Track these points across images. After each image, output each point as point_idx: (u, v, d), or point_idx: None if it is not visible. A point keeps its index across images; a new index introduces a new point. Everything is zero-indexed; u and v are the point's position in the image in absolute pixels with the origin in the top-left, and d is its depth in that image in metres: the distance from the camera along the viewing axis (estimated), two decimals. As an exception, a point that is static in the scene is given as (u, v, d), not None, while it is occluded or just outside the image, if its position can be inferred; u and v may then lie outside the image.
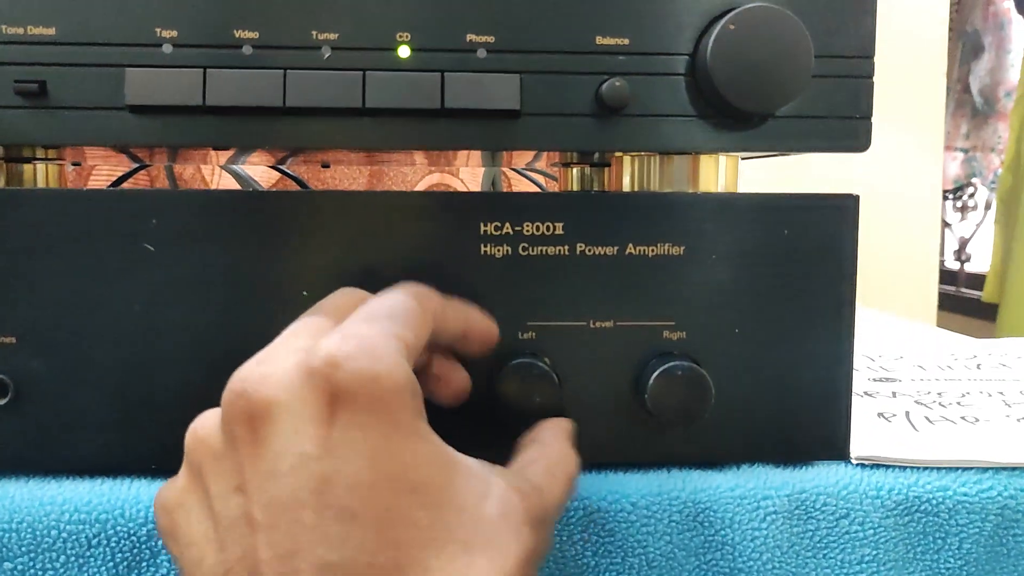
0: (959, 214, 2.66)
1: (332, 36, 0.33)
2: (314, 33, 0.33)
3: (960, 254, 2.64)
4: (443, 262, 0.34)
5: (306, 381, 0.25)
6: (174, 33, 0.33)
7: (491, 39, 0.34)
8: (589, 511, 0.34)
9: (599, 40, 0.34)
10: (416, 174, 0.92)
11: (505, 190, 0.84)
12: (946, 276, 2.29)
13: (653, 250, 0.35)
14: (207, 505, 0.27)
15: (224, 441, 0.27)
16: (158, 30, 0.33)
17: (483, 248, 0.34)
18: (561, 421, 0.33)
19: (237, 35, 0.33)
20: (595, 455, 0.35)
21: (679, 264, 0.35)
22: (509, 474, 0.28)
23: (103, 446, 0.34)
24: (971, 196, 2.63)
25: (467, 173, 0.92)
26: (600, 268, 0.34)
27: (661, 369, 0.33)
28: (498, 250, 0.34)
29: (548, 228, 0.34)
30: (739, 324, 0.35)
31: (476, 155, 0.49)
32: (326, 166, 0.75)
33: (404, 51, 0.33)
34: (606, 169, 0.52)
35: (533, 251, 0.34)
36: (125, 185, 0.68)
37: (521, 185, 0.86)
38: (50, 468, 0.34)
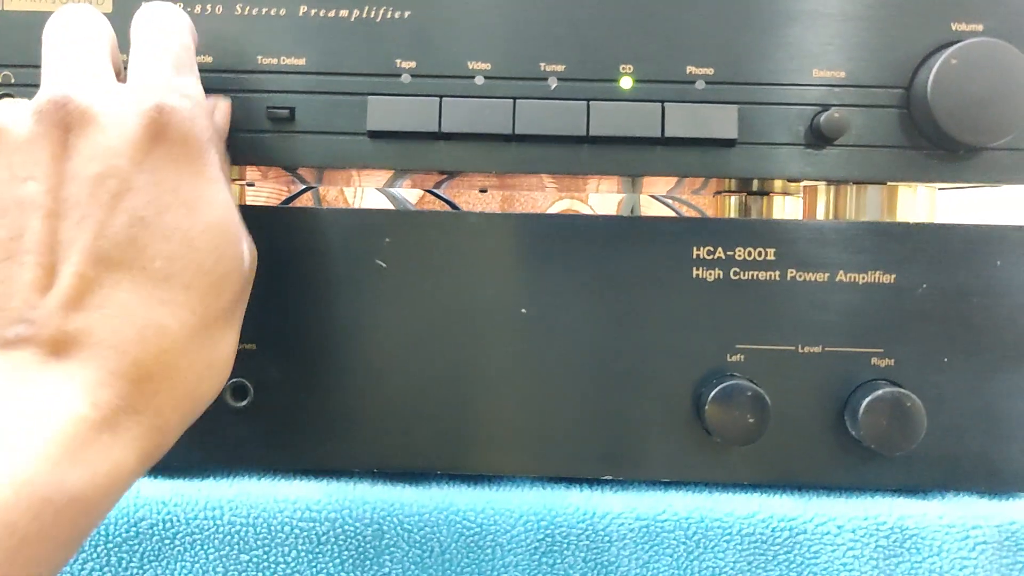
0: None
1: (559, 68, 0.35)
2: (542, 65, 0.35)
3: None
4: (656, 285, 0.35)
5: (134, 115, 0.28)
6: (412, 64, 0.35)
7: (710, 71, 0.35)
8: (795, 532, 0.35)
9: (816, 72, 0.35)
10: (546, 199, 0.94)
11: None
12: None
13: (864, 278, 0.35)
14: None
15: (30, 136, 0.27)
16: (398, 61, 0.35)
17: (695, 271, 0.35)
18: None
19: (470, 66, 0.35)
20: (801, 478, 0.36)
21: (889, 292, 0.35)
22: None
23: (331, 447, 0.36)
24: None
25: (596, 199, 0.94)
26: (810, 294, 0.35)
27: (873, 396, 0.34)
28: (710, 274, 0.35)
29: (760, 253, 0.35)
30: (948, 353, 0.35)
31: (608, 181, 0.51)
32: (483, 191, 0.77)
33: (627, 82, 0.35)
34: (764, 198, 0.53)
35: (744, 275, 0.35)
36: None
37: (653, 211, 0.87)
38: (283, 467, 0.37)
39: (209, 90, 0.35)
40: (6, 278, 0.26)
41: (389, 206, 0.82)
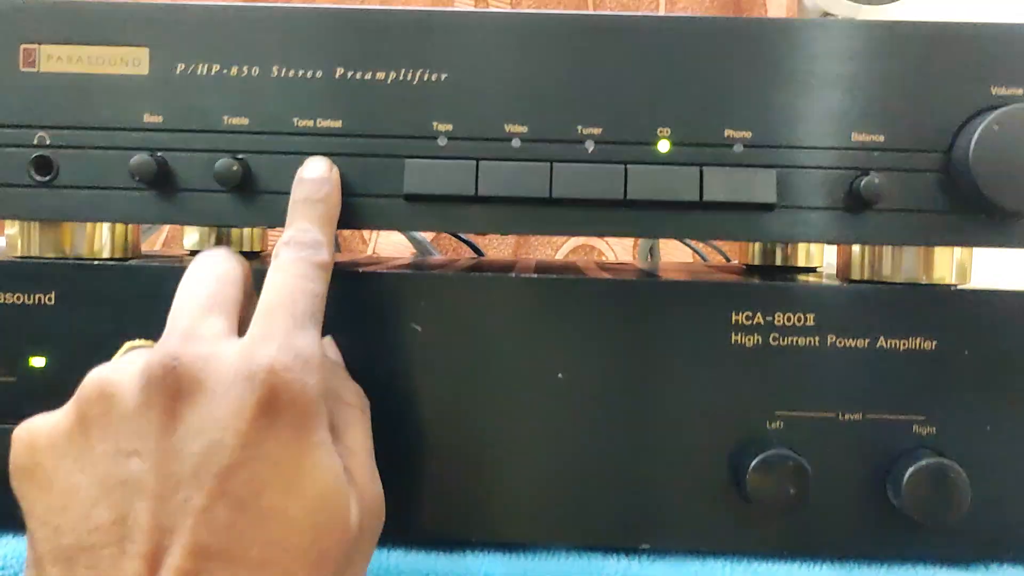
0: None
1: (596, 131, 0.35)
2: (579, 128, 0.35)
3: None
4: (694, 350, 0.35)
5: (244, 380, 0.27)
6: (449, 127, 0.35)
7: (748, 135, 0.35)
8: (837, 604, 0.34)
9: (855, 136, 0.35)
10: (561, 237, 0.94)
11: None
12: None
13: (904, 344, 0.35)
14: (90, 459, 0.27)
15: (137, 404, 0.27)
16: (435, 124, 0.35)
17: (734, 337, 0.35)
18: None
19: (507, 129, 0.35)
20: (843, 548, 0.35)
21: (931, 358, 0.35)
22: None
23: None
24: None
25: (612, 237, 0.94)
26: (850, 360, 0.35)
27: (917, 466, 0.33)
28: (748, 339, 0.35)
29: (800, 319, 0.35)
30: (990, 421, 0.35)
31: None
32: (504, 233, 0.77)
33: (664, 145, 0.35)
34: (789, 243, 0.53)
35: (784, 341, 0.35)
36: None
37: (670, 250, 0.86)
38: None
39: (245, 151, 0.35)
40: (109, 567, 0.25)
41: (406, 244, 0.82)
